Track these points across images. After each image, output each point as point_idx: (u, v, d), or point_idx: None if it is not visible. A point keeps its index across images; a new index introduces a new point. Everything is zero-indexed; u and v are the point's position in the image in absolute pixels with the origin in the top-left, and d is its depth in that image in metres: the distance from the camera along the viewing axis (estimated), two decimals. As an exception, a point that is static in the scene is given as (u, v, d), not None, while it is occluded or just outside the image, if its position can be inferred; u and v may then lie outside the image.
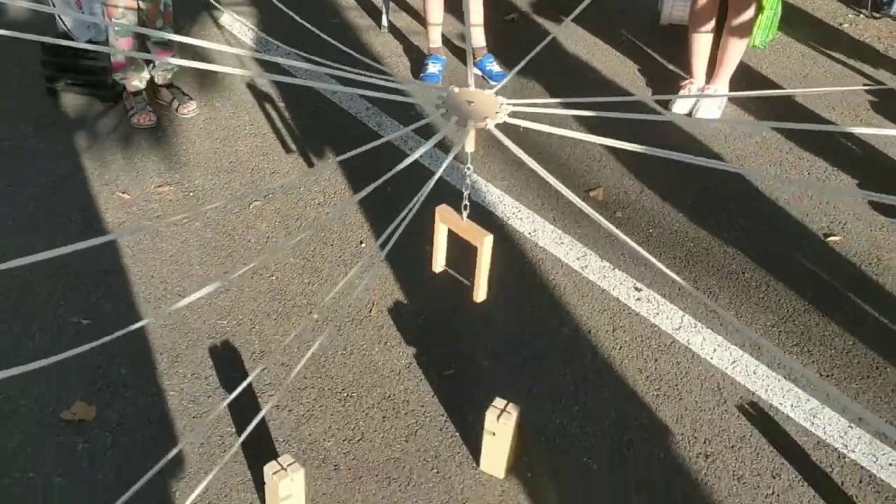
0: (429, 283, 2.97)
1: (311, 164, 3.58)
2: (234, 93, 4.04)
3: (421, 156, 1.57)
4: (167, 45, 3.83)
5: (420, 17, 4.61)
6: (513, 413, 2.26)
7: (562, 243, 3.19)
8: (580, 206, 1.52)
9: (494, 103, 1.57)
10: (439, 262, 1.89)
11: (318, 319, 2.84)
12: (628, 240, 1.50)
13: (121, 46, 3.72)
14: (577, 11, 1.89)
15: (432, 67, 4.14)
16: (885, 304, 2.98)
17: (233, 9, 4.78)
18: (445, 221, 1.81)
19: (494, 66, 4.12)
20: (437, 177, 1.60)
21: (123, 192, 3.36)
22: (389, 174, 1.56)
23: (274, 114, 3.90)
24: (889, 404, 2.61)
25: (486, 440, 2.30)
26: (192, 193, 3.38)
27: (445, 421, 2.51)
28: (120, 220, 3.22)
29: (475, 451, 2.38)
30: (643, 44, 4.60)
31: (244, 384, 2.02)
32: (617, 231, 1.49)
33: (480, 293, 1.80)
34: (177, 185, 3.42)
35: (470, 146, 1.57)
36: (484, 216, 3.26)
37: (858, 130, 3.75)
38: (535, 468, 2.38)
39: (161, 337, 2.73)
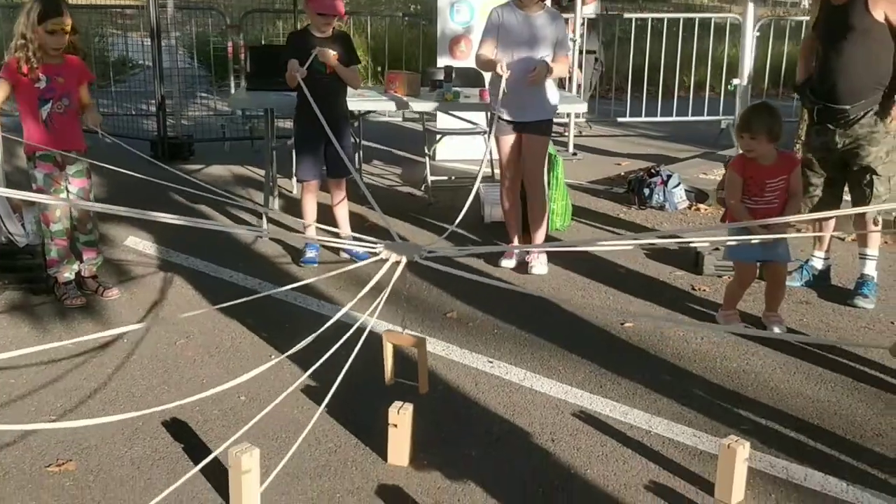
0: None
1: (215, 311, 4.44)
2: (147, 279, 4.91)
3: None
4: (93, 245, 4.72)
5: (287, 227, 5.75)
6: (409, 407, 3.09)
7: (429, 342, 4.13)
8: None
9: (417, 248, 2.67)
10: (388, 375, 3.00)
11: (245, 400, 3.59)
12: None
13: (57, 246, 4.55)
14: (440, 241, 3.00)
15: (310, 252, 5.21)
16: (661, 360, 4.05)
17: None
18: (391, 340, 2.93)
19: (360, 250, 5.21)
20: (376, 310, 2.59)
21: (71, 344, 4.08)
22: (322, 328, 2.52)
23: (183, 291, 4.78)
24: (684, 408, 3.60)
25: (391, 432, 3.09)
26: (125, 339, 4.13)
27: (357, 444, 3.28)
28: (70, 357, 3.92)
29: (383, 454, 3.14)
30: (474, 234, 5.89)
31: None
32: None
33: (423, 387, 2.90)
34: (111, 333, 4.17)
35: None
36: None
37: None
38: (430, 458, 3.16)
39: (120, 422, 3.39)
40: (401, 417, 3.08)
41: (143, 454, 3.18)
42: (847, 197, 4.79)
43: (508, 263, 5.21)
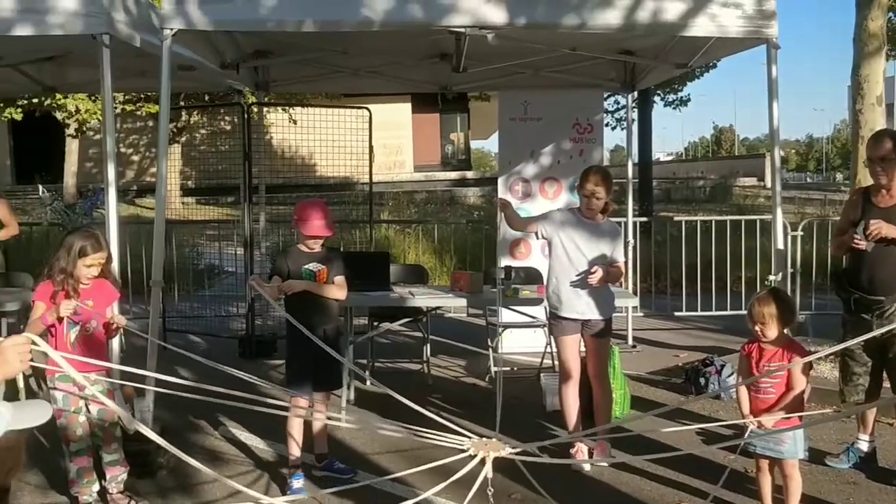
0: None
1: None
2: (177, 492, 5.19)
3: None
4: (117, 463, 4.67)
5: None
6: None
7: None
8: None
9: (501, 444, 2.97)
10: None
11: None
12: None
13: (77, 465, 4.52)
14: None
15: (296, 482, 5.01)
16: None
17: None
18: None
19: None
20: None
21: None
22: None
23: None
24: None
25: None
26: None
27: None
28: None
29: None
30: (537, 421, 6.25)
31: None
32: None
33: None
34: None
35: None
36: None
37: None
38: None
39: None
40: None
41: None
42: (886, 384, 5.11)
43: (585, 465, 5.28)
